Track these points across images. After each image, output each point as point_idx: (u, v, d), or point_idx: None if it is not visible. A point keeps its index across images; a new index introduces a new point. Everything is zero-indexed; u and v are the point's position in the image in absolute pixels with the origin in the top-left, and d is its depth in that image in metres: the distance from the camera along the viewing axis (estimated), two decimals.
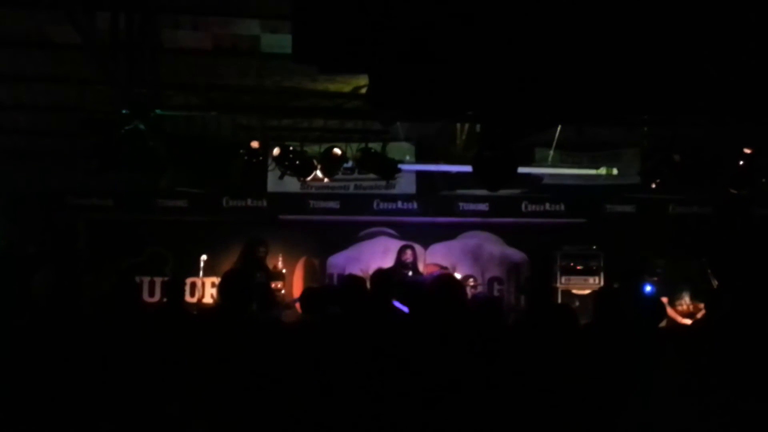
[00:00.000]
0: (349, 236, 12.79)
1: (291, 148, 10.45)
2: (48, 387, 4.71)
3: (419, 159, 11.82)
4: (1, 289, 8.04)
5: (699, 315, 9.01)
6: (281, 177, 10.91)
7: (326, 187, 11.85)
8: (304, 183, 11.48)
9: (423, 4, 4.40)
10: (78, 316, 5.25)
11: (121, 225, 12.14)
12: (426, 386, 4.89)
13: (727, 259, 10.36)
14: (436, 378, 4.92)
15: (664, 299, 8.83)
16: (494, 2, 4.44)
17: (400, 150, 11.46)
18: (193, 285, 11.61)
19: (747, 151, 10.20)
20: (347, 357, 5.00)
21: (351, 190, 12.32)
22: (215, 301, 10.18)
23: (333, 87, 9.35)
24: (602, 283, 11.73)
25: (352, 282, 6.12)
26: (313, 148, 10.59)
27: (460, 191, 12.30)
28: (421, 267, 11.29)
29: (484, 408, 4.92)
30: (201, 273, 10.65)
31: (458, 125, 10.90)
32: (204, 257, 10.58)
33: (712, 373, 4.81)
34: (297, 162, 10.49)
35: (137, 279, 11.38)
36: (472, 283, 11.97)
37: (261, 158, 10.59)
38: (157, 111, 8.80)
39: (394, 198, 12.31)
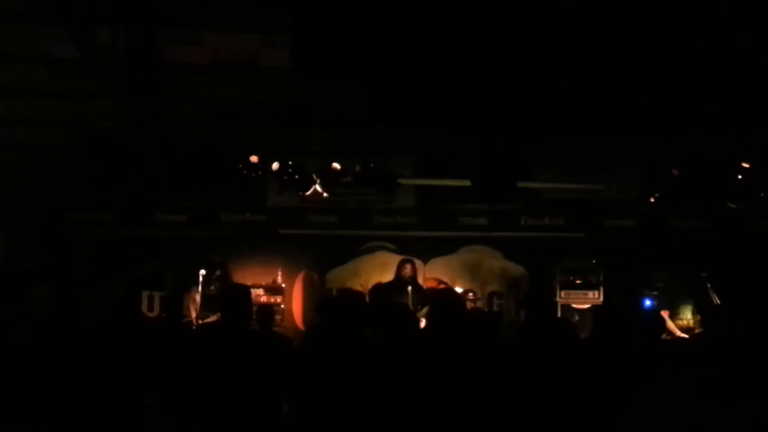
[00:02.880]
0: (349, 250, 12.76)
1: (290, 162, 10.46)
2: (46, 401, 4.69)
3: (418, 173, 11.81)
4: (0, 304, 8.03)
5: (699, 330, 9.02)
6: (280, 191, 10.93)
7: (325, 201, 11.82)
8: (303, 197, 11.47)
9: (421, 19, 4.42)
10: (77, 330, 5.23)
11: (120, 239, 12.13)
12: (425, 400, 4.87)
13: (726, 273, 10.34)
14: (435, 392, 4.91)
15: (665, 313, 8.83)
16: (494, 18, 4.46)
17: (399, 164, 11.47)
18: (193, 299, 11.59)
19: (745, 165, 10.22)
20: (345, 370, 4.99)
21: (350, 204, 12.29)
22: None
23: (332, 100, 9.36)
24: (602, 297, 11.70)
25: (350, 296, 6.11)
26: (312, 162, 10.62)
27: (459, 205, 12.28)
28: (420, 281, 11.26)
29: (484, 422, 4.90)
30: (200, 287, 10.61)
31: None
32: (203, 272, 10.55)
33: (712, 388, 4.80)
34: (296, 176, 10.51)
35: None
36: (471, 298, 11.95)
37: (260, 172, 10.60)
38: (156, 125, 8.82)
39: (393, 212, 12.28)
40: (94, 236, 12.12)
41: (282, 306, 11.81)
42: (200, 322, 10.10)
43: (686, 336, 8.91)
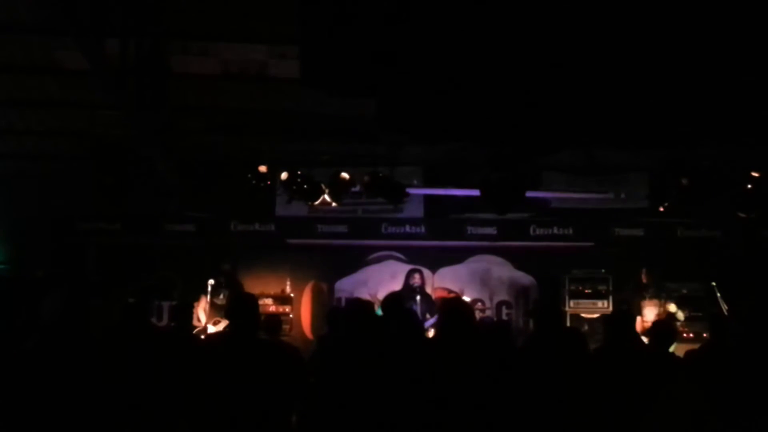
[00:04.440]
0: (358, 260, 12.79)
1: (299, 172, 10.48)
2: (55, 409, 4.70)
3: (427, 183, 11.82)
4: (10, 313, 8.06)
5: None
6: (289, 201, 10.94)
7: (334, 211, 11.82)
8: (312, 207, 11.48)
9: (429, 29, 4.42)
10: (86, 339, 5.24)
11: (129, 249, 12.16)
12: (434, 409, 4.86)
13: (736, 282, 10.31)
14: (444, 401, 4.90)
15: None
16: (502, 28, 4.46)
17: (408, 174, 11.48)
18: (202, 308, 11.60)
19: (755, 174, 10.18)
20: (354, 379, 4.98)
21: (359, 214, 12.31)
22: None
23: (341, 111, 9.37)
24: (611, 306, 11.68)
25: (359, 305, 6.10)
26: (321, 172, 10.63)
27: (468, 215, 12.27)
28: (429, 291, 11.25)
29: (493, 431, 4.89)
30: (209, 297, 10.62)
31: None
32: (211, 281, 10.55)
33: (720, 397, 4.78)
34: (305, 186, 10.52)
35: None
36: (480, 307, 11.94)
37: (269, 182, 10.62)
38: (166, 135, 8.84)
39: (402, 222, 12.29)
40: (103, 246, 12.15)
41: (291, 315, 11.83)
42: (208, 331, 10.15)
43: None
